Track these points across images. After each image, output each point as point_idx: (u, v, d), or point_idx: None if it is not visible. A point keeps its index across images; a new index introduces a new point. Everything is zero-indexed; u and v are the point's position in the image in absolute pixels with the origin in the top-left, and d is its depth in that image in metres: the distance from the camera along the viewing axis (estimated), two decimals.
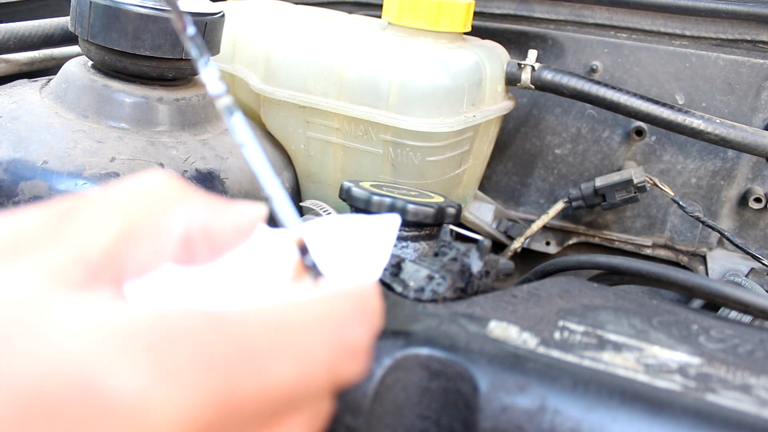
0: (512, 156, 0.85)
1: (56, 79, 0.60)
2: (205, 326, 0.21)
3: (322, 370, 0.23)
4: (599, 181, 0.73)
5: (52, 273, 0.21)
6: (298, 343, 0.23)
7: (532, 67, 0.71)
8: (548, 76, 0.71)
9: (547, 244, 0.84)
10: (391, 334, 0.35)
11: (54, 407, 0.18)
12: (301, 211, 0.69)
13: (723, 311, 0.57)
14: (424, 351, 0.34)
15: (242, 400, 0.21)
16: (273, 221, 0.28)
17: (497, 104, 0.70)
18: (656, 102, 0.69)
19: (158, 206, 0.24)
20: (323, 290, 0.26)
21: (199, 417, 0.19)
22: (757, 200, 0.76)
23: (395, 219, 0.33)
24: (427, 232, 0.53)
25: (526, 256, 0.85)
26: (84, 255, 0.22)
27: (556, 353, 0.34)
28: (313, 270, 0.28)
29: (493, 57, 0.70)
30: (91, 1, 0.54)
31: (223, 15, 0.60)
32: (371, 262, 0.31)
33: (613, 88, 0.70)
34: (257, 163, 0.28)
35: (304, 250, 0.28)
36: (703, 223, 0.72)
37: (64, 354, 0.18)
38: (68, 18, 0.66)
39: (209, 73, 0.28)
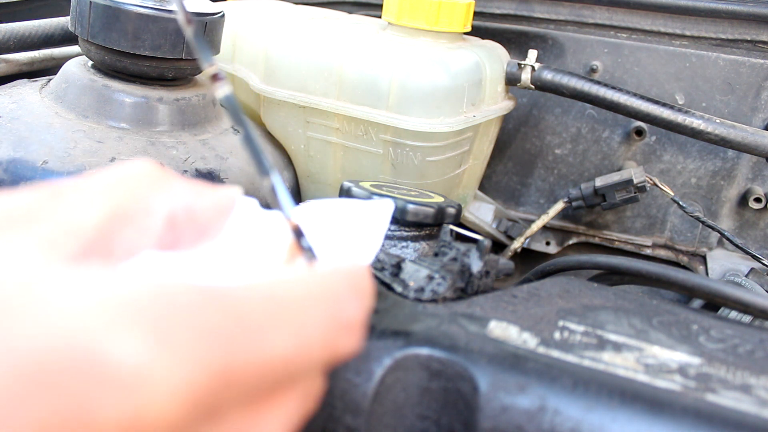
0: (512, 156, 0.85)
1: (56, 79, 0.60)
2: (205, 299, 0.21)
3: (318, 344, 0.24)
4: (599, 181, 0.73)
5: (48, 245, 0.21)
6: (295, 317, 0.23)
7: (532, 67, 0.71)
8: (548, 76, 0.71)
9: (547, 244, 0.84)
10: (391, 334, 0.35)
11: (55, 377, 0.18)
12: None
13: (723, 311, 0.57)
14: (424, 351, 0.34)
15: (241, 371, 0.21)
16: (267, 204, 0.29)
17: (497, 104, 0.70)
18: (656, 102, 0.69)
19: (143, 189, 0.25)
20: (317, 269, 0.26)
21: (199, 387, 0.20)
22: (757, 200, 0.76)
23: (389, 204, 0.33)
24: (427, 232, 0.53)
25: (526, 256, 0.85)
26: (75, 230, 0.22)
27: (556, 353, 0.34)
28: (308, 253, 0.28)
29: (493, 57, 0.70)
30: (91, 1, 0.54)
31: (223, 15, 0.60)
32: (364, 247, 0.31)
33: (613, 88, 0.70)
34: (251, 146, 0.28)
35: (299, 233, 0.28)
36: (703, 223, 0.72)
37: (64, 324, 0.18)
38: (68, 18, 0.66)
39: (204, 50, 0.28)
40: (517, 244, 0.77)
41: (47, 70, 0.73)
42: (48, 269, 0.20)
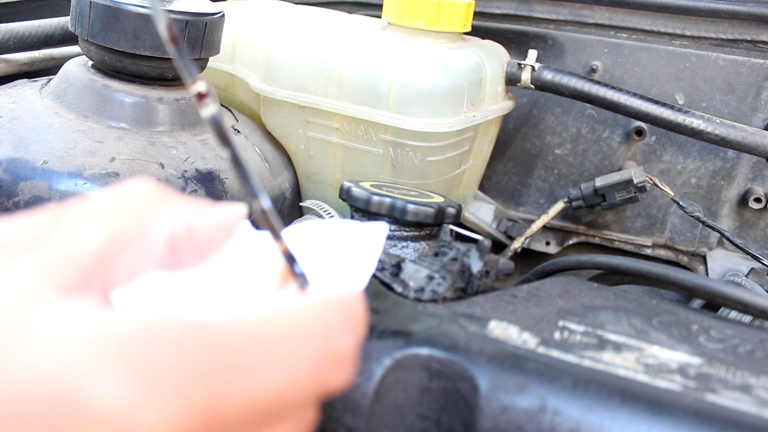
0: (512, 156, 0.85)
1: (56, 79, 0.60)
2: (190, 335, 0.20)
3: (308, 378, 0.23)
4: (599, 181, 0.73)
5: (42, 273, 0.21)
6: (284, 352, 0.22)
7: (532, 67, 0.71)
8: (548, 76, 0.71)
9: (547, 244, 0.84)
10: (391, 334, 0.35)
11: (35, 417, 0.18)
12: (301, 211, 0.69)
13: (723, 311, 0.57)
14: (424, 351, 0.34)
15: (227, 409, 0.21)
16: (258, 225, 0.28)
17: (497, 104, 0.70)
18: (656, 102, 0.69)
19: (143, 211, 0.24)
20: (308, 298, 0.26)
21: (183, 427, 0.19)
22: (757, 200, 0.76)
23: (383, 227, 0.33)
24: (427, 232, 0.53)
25: (526, 256, 0.85)
26: (73, 257, 0.22)
27: (556, 353, 0.34)
28: (299, 278, 0.28)
29: (493, 57, 0.70)
30: (91, 1, 0.54)
31: (223, 15, 0.60)
32: (357, 270, 0.31)
33: (613, 88, 0.70)
34: (241, 171, 0.27)
35: (290, 257, 0.28)
36: (703, 223, 0.72)
37: (47, 363, 0.18)
38: (68, 18, 0.66)
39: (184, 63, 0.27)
40: (517, 244, 0.77)
41: (47, 70, 0.73)
42: (37, 301, 0.20)
